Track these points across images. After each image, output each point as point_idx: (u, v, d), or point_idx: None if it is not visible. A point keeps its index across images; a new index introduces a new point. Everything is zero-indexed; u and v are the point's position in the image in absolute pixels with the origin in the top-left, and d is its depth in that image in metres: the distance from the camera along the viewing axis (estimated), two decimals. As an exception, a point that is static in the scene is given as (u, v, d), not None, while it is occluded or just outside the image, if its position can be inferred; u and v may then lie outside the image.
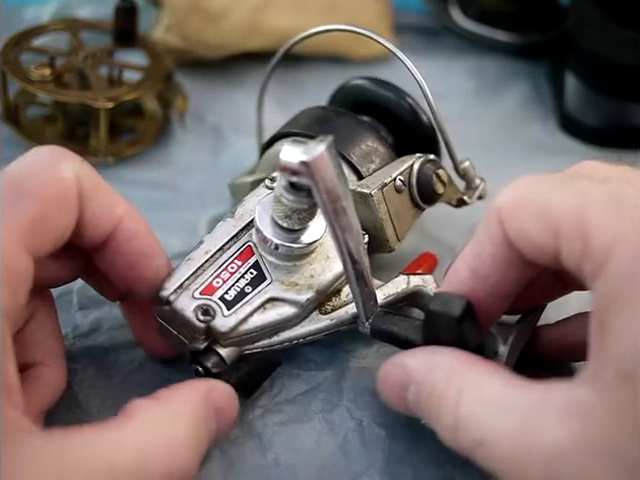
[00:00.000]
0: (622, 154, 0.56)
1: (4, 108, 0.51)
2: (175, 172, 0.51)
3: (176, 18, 0.57)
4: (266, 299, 0.36)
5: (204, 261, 0.36)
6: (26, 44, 0.52)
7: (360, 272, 0.34)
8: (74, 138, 0.51)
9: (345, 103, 0.45)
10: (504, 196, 0.31)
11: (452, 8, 0.64)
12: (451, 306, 0.31)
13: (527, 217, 0.30)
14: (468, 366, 0.31)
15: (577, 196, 0.29)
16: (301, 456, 0.35)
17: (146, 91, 0.51)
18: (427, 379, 0.32)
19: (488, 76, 0.63)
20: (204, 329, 0.34)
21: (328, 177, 0.31)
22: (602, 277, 0.27)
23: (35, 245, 0.29)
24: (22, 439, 0.26)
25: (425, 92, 0.40)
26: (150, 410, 0.30)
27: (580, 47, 0.58)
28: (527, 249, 0.31)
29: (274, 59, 0.45)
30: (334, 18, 0.60)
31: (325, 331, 0.37)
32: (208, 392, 0.32)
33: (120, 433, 0.28)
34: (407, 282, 0.39)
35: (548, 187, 0.30)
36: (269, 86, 0.46)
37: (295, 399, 0.38)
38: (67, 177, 0.30)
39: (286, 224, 0.36)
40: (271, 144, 0.43)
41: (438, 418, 0.31)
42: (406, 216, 0.41)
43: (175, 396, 0.32)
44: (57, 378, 0.34)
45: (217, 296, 0.35)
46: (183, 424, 0.30)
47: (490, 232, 0.32)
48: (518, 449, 0.27)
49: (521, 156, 0.56)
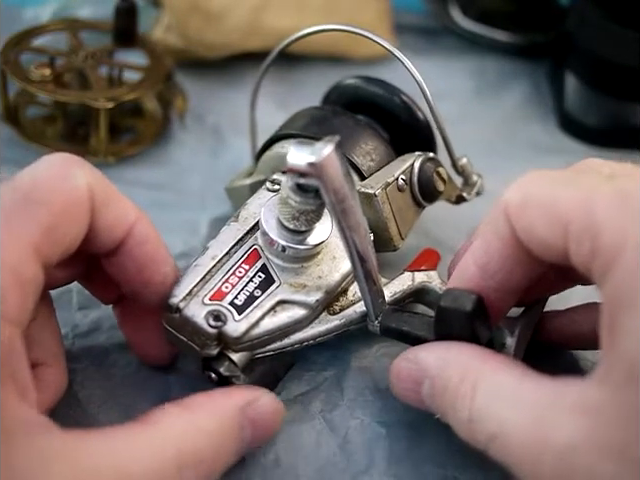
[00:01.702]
0: (622, 154, 0.56)
1: (4, 108, 0.51)
2: (175, 172, 0.51)
3: (176, 18, 0.57)
4: (276, 302, 0.36)
5: (211, 267, 0.36)
6: (26, 44, 0.52)
7: (368, 271, 0.34)
8: (74, 138, 0.51)
9: (339, 102, 0.45)
10: (512, 192, 0.31)
11: (452, 8, 0.64)
12: (462, 302, 0.32)
13: (535, 214, 0.30)
14: (482, 360, 0.31)
15: (585, 194, 0.29)
16: (301, 456, 0.35)
17: (146, 91, 0.51)
18: (442, 373, 0.32)
19: (488, 76, 0.63)
20: (216, 335, 0.34)
21: (336, 177, 0.31)
22: (611, 276, 0.27)
23: (45, 254, 0.29)
24: (40, 439, 0.27)
25: (424, 91, 0.40)
26: (173, 418, 0.30)
27: (580, 47, 0.58)
28: (535, 246, 0.31)
29: (269, 58, 0.45)
30: (334, 18, 0.60)
31: (335, 331, 0.37)
32: (249, 403, 0.32)
33: (137, 440, 0.28)
34: (412, 279, 0.39)
35: (556, 184, 0.30)
36: (269, 86, 0.46)
37: (295, 399, 0.38)
38: (79, 186, 0.30)
39: (293, 226, 0.36)
40: (269, 146, 0.43)
41: (454, 412, 0.31)
42: (408, 214, 0.41)
43: (205, 405, 0.31)
44: (59, 378, 0.34)
45: (227, 301, 0.35)
46: (205, 437, 0.30)
47: (498, 228, 0.32)
48: (532, 443, 0.28)
49: (521, 156, 0.56)
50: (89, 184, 0.31)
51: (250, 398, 0.32)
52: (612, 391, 0.26)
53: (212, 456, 0.30)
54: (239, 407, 0.31)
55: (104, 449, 0.28)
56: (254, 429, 0.32)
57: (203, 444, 0.29)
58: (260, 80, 0.45)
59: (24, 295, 0.29)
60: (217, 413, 0.31)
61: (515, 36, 0.64)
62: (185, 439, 0.29)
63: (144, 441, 0.28)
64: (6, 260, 0.28)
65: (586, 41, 0.57)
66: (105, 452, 0.27)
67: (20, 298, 0.28)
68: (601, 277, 0.28)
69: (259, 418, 0.32)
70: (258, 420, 0.32)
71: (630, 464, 0.26)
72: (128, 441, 0.28)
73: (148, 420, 0.29)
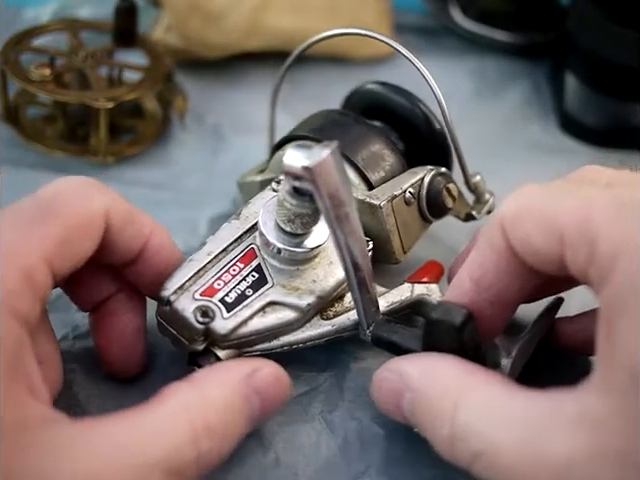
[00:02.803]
0: (622, 154, 0.56)
1: (4, 108, 0.51)
2: (175, 172, 0.51)
3: (176, 18, 0.56)
4: (266, 302, 0.36)
5: (206, 262, 0.36)
6: (26, 44, 0.52)
7: (362, 279, 0.34)
8: (74, 138, 0.51)
9: (359, 106, 0.45)
10: (507, 205, 0.31)
11: (452, 8, 0.64)
12: (452, 315, 0.31)
13: (531, 226, 0.30)
14: (468, 374, 0.30)
15: (581, 202, 0.28)
16: (301, 456, 0.36)
17: (146, 91, 0.51)
18: (424, 387, 0.31)
19: (488, 76, 0.63)
20: (203, 330, 0.34)
21: (331, 183, 0.31)
22: (609, 283, 0.27)
23: (55, 264, 0.31)
24: (55, 431, 0.28)
25: (438, 98, 0.40)
26: (182, 394, 0.30)
27: (580, 47, 0.57)
28: (531, 258, 0.30)
29: (290, 58, 0.45)
30: (334, 18, 0.60)
31: (326, 336, 0.37)
32: (251, 373, 0.32)
33: (150, 419, 0.29)
34: (411, 290, 0.39)
35: (552, 195, 0.30)
36: (270, 86, 0.46)
37: (295, 399, 0.38)
38: (95, 206, 0.32)
39: (289, 228, 0.36)
40: (281, 146, 0.43)
41: (433, 429, 0.30)
42: (414, 228, 0.41)
43: (210, 378, 0.32)
44: (53, 377, 0.34)
45: (217, 298, 0.35)
46: (214, 409, 0.30)
47: (493, 241, 0.31)
48: (525, 460, 0.27)
49: (521, 156, 0.56)
50: (106, 206, 0.33)
51: (252, 368, 0.32)
52: (613, 399, 0.26)
53: (222, 427, 0.30)
54: (242, 377, 0.31)
55: (119, 432, 0.28)
56: (261, 399, 0.32)
57: (213, 416, 0.30)
58: (281, 81, 0.46)
59: (34, 298, 0.30)
60: (222, 385, 0.31)
61: (515, 36, 0.64)
62: (196, 412, 0.29)
63: (157, 419, 0.29)
64: (21, 263, 0.29)
65: (586, 41, 0.57)
66: (120, 434, 0.28)
67: (31, 300, 0.30)
68: (598, 284, 0.27)
69: (263, 387, 0.32)
70: (262, 389, 0.32)
71: (632, 470, 0.25)
72: (141, 421, 0.29)
73: (158, 399, 0.30)
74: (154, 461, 0.28)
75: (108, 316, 0.37)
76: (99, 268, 0.36)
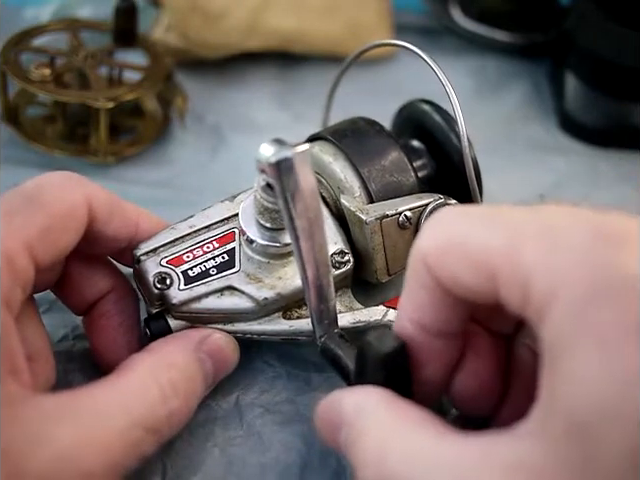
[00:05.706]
0: (622, 154, 0.56)
1: (4, 108, 0.51)
2: (175, 172, 0.51)
3: (176, 18, 0.57)
4: (226, 286, 0.36)
5: (185, 234, 0.37)
6: (26, 44, 0.52)
7: (318, 288, 0.33)
8: (74, 138, 0.51)
9: (407, 122, 0.45)
10: (427, 240, 0.29)
11: (452, 8, 0.64)
12: (383, 341, 0.30)
13: (457, 263, 0.27)
14: (396, 414, 0.28)
15: (509, 235, 0.26)
16: (300, 456, 0.36)
17: (146, 91, 0.51)
18: (357, 423, 0.29)
19: (488, 76, 0.63)
20: (158, 295, 0.36)
21: (294, 183, 0.31)
22: (547, 323, 0.25)
23: (37, 254, 0.31)
24: (39, 401, 0.29)
25: (454, 103, 0.40)
26: (144, 362, 0.33)
27: (580, 47, 0.58)
28: (463, 293, 0.28)
29: (345, 63, 0.45)
30: (334, 18, 0.60)
31: (282, 335, 0.37)
32: (202, 340, 0.35)
33: (122, 386, 0.31)
34: (384, 314, 0.38)
35: (474, 225, 0.28)
36: (270, 86, 0.46)
37: (295, 399, 0.38)
38: (77, 198, 0.33)
39: (261, 220, 0.36)
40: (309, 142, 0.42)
41: (363, 467, 0.28)
42: (404, 253, 0.37)
43: (167, 346, 0.34)
44: (45, 373, 0.34)
45: (181, 269, 0.36)
46: (174, 371, 0.33)
47: (421, 280, 0.29)
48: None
49: (521, 156, 0.56)
50: (87, 196, 0.34)
51: (202, 335, 0.35)
52: (550, 447, 0.24)
53: (185, 386, 0.33)
54: (195, 343, 0.35)
55: (99, 398, 0.30)
56: (213, 362, 0.35)
57: (176, 376, 0.33)
58: (335, 86, 0.46)
59: (14, 281, 0.30)
60: (179, 350, 0.34)
61: (515, 36, 0.64)
62: (161, 374, 0.32)
63: (130, 384, 0.31)
64: (1, 247, 0.30)
65: (586, 41, 0.57)
66: (100, 400, 0.30)
67: (11, 284, 0.30)
68: (536, 324, 0.26)
69: (215, 351, 0.35)
70: (215, 353, 0.35)
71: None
72: (117, 387, 0.31)
73: (125, 368, 0.32)
74: (135, 420, 0.30)
75: (100, 318, 0.37)
76: (88, 268, 0.36)
